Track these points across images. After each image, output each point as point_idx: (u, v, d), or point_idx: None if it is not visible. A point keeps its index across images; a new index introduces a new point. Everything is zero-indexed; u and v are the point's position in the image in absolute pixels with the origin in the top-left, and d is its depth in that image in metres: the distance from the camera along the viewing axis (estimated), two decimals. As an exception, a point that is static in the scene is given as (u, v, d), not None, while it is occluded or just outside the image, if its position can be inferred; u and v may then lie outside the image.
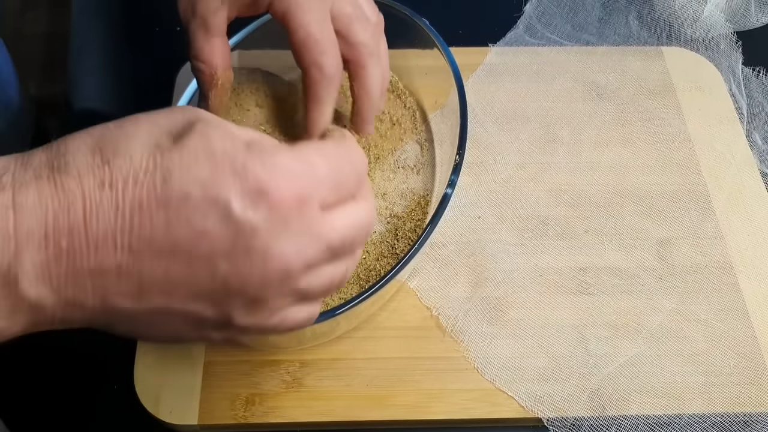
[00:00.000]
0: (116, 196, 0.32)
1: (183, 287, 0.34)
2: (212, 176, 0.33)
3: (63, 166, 0.33)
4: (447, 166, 0.60)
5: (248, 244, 0.33)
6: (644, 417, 0.55)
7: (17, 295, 0.32)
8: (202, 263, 0.33)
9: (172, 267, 0.33)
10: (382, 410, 0.55)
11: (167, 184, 0.33)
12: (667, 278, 0.62)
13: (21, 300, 0.32)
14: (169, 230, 0.33)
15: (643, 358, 0.58)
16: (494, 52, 0.76)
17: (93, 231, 0.32)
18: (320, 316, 0.50)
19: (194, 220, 0.33)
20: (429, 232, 0.53)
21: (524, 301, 0.60)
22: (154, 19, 0.81)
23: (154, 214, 0.32)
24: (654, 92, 0.73)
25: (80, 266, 0.32)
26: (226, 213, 0.33)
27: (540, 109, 0.72)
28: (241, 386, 0.56)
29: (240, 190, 0.33)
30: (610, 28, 0.80)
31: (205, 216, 0.33)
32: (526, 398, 0.56)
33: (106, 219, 0.32)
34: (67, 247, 0.32)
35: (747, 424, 0.56)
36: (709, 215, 0.65)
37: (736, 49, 0.77)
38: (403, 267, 0.52)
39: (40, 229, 0.32)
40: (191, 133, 0.34)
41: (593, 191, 0.67)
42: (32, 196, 0.32)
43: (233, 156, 0.33)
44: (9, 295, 0.32)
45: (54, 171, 0.33)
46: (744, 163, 0.69)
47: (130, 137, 0.34)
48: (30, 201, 0.32)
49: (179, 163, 0.33)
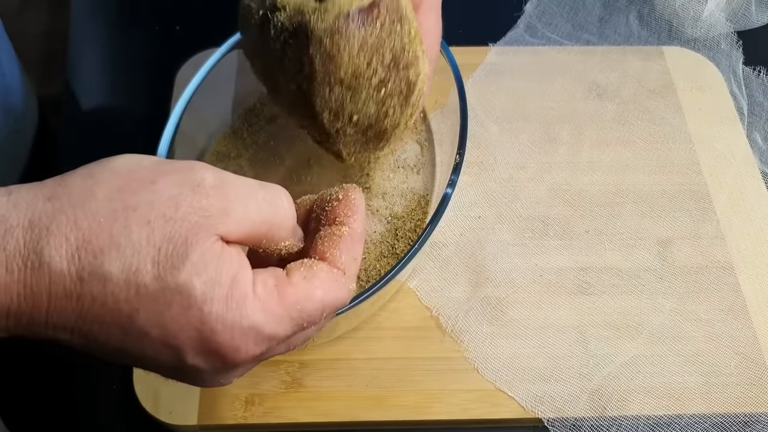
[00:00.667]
0: (81, 308, 0.34)
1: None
2: (177, 330, 0.35)
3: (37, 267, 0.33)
4: (447, 166, 0.60)
5: (197, 376, 0.37)
6: (644, 417, 0.55)
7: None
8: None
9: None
10: (382, 411, 0.55)
11: (132, 319, 0.34)
12: (668, 278, 0.62)
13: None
14: (123, 348, 0.35)
15: (643, 359, 0.57)
16: (494, 51, 0.76)
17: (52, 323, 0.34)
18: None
19: (147, 352, 0.35)
20: (429, 232, 0.53)
21: (524, 301, 0.60)
22: (154, 18, 0.81)
23: (113, 334, 0.35)
24: (654, 92, 0.73)
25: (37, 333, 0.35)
26: (178, 357, 0.36)
27: (540, 108, 0.72)
28: (240, 387, 0.56)
29: (197, 349, 0.35)
30: (611, 28, 0.79)
31: (158, 352, 0.35)
32: (526, 398, 0.56)
33: (66, 319, 0.34)
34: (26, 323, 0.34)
35: (747, 424, 0.56)
36: (710, 215, 0.65)
37: (736, 49, 0.77)
38: (403, 267, 0.52)
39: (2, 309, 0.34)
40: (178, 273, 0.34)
41: (594, 191, 0.66)
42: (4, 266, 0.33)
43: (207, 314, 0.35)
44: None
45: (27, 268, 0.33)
46: (745, 162, 0.69)
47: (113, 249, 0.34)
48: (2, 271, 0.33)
49: (151, 306, 0.34)
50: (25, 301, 0.34)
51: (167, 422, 0.54)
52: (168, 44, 0.78)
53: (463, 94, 0.59)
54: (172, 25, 0.79)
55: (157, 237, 0.34)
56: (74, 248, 0.34)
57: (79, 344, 0.35)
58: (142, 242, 0.34)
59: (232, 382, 0.40)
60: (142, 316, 0.34)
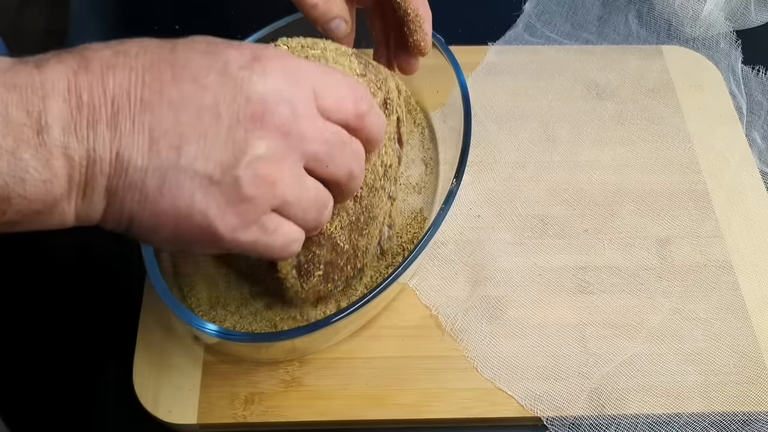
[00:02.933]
0: (129, 60, 0.36)
1: (190, 141, 0.36)
2: (212, 47, 0.38)
3: (80, 48, 0.37)
4: (449, 167, 0.60)
5: (248, 94, 0.37)
6: (643, 416, 0.55)
7: (50, 142, 0.34)
8: (208, 114, 0.37)
9: (180, 117, 0.36)
10: (382, 409, 0.55)
11: (174, 52, 0.37)
12: (667, 277, 0.62)
13: (53, 147, 0.34)
14: (176, 83, 0.36)
15: (642, 357, 0.57)
16: (493, 50, 0.76)
17: (109, 86, 0.35)
18: (317, 323, 0.50)
19: (198, 76, 0.37)
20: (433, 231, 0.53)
21: (523, 300, 0.60)
22: (153, 18, 0.81)
23: (164, 72, 0.36)
24: (653, 91, 0.73)
25: (99, 117, 0.35)
26: (224, 70, 0.37)
27: (539, 107, 0.72)
28: (240, 385, 0.56)
29: (237, 55, 0.38)
30: (610, 27, 0.79)
31: (208, 73, 0.37)
32: (525, 397, 0.56)
33: (120, 76, 0.36)
34: (88, 99, 0.35)
35: (746, 422, 0.56)
36: (709, 214, 0.65)
37: (735, 48, 0.77)
38: (405, 268, 0.52)
39: (63, 82, 0.35)
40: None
41: (593, 190, 0.67)
42: (54, 61, 0.35)
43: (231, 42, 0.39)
44: (43, 143, 0.34)
45: (73, 52, 0.36)
46: (743, 161, 0.69)
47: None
48: (52, 63, 0.35)
49: (184, 42, 0.38)
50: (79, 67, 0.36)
51: (167, 421, 0.54)
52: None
53: (468, 101, 0.59)
54: (171, 25, 0.79)
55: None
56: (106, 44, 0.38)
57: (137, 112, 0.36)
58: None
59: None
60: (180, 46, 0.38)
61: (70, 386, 0.58)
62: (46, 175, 0.34)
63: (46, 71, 0.35)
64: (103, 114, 0.35)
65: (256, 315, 0.56)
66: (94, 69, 0.35)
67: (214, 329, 0.50)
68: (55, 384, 0.58)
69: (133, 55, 0.36)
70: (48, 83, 0.34)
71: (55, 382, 0.58)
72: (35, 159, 0.34)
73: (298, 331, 0.51)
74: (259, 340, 0.54)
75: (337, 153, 0.40)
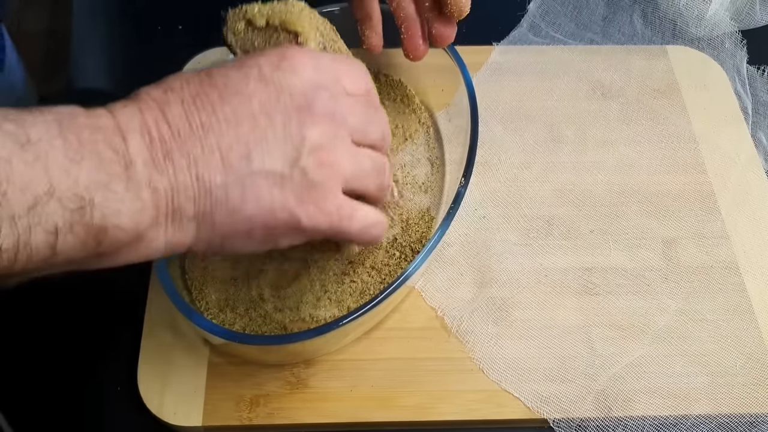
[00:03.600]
0: (177, 93, 0.40)
1: (255, 146, 0.40)
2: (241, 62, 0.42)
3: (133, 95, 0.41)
4: (456, 166, 0.59)
5: (290, 91, 0.41)
6: (650, 418, 0.55)
7: (136, 176, 0.37)
8: (261, 118, 0.40)
9: (240, 128, 0.40)
10: (387, 411, 0.55)
11: (211, 76, 0.41)
12: (673, 278, 0.61)
13: (140, 181, 0.38)
14: (224, 100, 0.40)
15: (649, 359, 0.57)
16: (498, 50, 0.76)
17: (170, 119, 0.39)
18: (327, 326, 0.50)
19: (240, 88, 0.41)
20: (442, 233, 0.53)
21: (529, 301, 0.60)
22: (156, 17, 0.81)
23: (210, 94, 0.40)
24: (659, 91, 0.73)
25: (171, 148, 0.39)
26: (260, 75, 0.41)
27: (544, 108, 0.72)
28: (245, 387, 0.55)
29: (266, 60, 0.42)
30: (615, 27, 0.79)
31: (247, 82, 0.41)
32: (531, 399, 0.55)
33: (176, 109, 0.39)
34: (157, 134, 0.38)
35: (753, 424, 0.55)
36: (715, 215, 0.65)
37: (741, 48, 0.77)
38: (415, 270, 0.52)
39: (134, 122, 0.38)
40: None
41: (598, 191, 0.66)
42: (120, 105, 0.39)
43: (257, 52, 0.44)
44: (131, 177, 0.37)
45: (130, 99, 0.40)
46: (749, 162, 0.68)
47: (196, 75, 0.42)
48: (120, 107, 0.39)
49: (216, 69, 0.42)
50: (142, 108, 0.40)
51: (172, 423, 0.54)
52: (170, 44, 0.78)
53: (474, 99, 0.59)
54: (175, 25, 0.79)
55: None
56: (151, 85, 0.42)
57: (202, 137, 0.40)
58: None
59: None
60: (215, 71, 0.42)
61: (74, 387, 0.58)
62: (137, 205, 0.37)
63: (118, 114, 0.38)
64: (173, 145, 0.39)
65: (266, 318, 0.56)
66: (152, 107, 0.39)
67: (225, 332, 0.50)
68: (59, 385, 0.57)
69: (179, 88, 0.40)
70: (123, 124, 0.38)
71: (59, 384, 0.58)
72: (127, 191, 0.37)
73: (307, 334, 0.51)
74: (269, 342, 0.53)
75: (372, 119, 0.45)
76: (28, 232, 0.34)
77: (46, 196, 0.35)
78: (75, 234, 0.36)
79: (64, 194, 0.35)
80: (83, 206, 0.36)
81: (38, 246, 0.35)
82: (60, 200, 0.35)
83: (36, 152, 0.35)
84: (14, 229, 0.34)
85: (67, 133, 0.36)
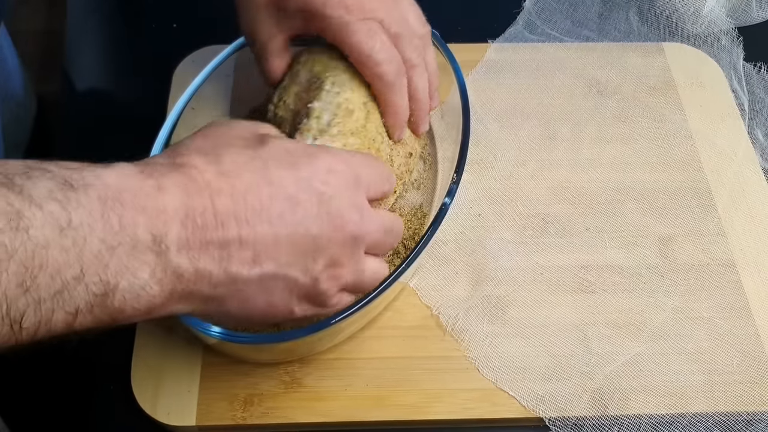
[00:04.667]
0: (231, 180, 0.40)
1: (286, 252, 0.42)
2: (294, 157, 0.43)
3: (185, 165, 0.40)
4: (449, 164, 0.59)
5: (328, 209, 0.43)
6: (646, 416, 0.55)
7: (165, 263, 0.38)
8: (300, 229, 0.42)
9: (278, 232, 0.41)
10: (382, 410, 0.55)
11: (267, 168, 0.42)
12: (669, 276, 0.61)
13: (167, 267, 0.38)
14: (273, 203, 0.41)
15: (645, 357, 0.57)
16: (494, 48, 0.76)
17: (219, 210, 0.39)
18: (319, 324, 0.49)
19: (289, 193, 0.42)
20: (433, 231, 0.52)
21: (525, 299, 0.60)
22: (150, 16, 0.80)
23: (261, 192, 0.41)
24: (655, 88, 0.73)
25: (210, 239, 0.39)
26: (308, 186, 0.42)
27: (540, 105, 0.71)
28: (239, 387, 0.55)
29: (314, 171, 0.43)
30: (611, 24, 0.79)
31: (296, 191, 0.42)
32: (527, 398, 0.55)
33: (226, 201, 0.40)
34: (201, 223, 0.39)
35: (750, 422, 0.55)
36: (711, 212, 0.65)
37: (737, 45, 0.77)
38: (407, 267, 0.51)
39: (182, 208, 0.39)
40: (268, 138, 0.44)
41: (594, 188, 0.66)
42: (172, 182, 0.39)
43: (304, 149, 0.45)
44: (159, 263, 0.38)
45: (179, 166, 0.40)
46: (746, 159, 0.68)
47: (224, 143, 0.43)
48: (171, 184, 0.39)
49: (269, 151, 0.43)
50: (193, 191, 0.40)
51: (166, 423, 0.54)
52: (165, 41, 0.78)
53: (465, 94, 0.58)
54: (169, 22, 0.79)
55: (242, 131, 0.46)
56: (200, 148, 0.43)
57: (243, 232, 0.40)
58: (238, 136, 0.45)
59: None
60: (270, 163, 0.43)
61: (68, 387, 0.57)
62: (156, 291, 0.38)
63: (166, 193, 0.38)
64: (214, 236, 0.39)
65: None
66: (204, 194, 0.39)
67: (217, 331, 0.50)
68: (53, 385, 0.57)
69: (233, 175, 0.41)
70: (170, 207, 0.38)
71: (53, 383, 0.57)
72: (152, 278, 0.38)
73: (300, 332, 0.51)
74: (261, 341, 0.53)
75: (387, 236, 0.48)
76: (50, 313, 0.35)
77: (74, 281, 0.35)
78: (93, 315, 0.37)
79: (92, 279, 0.36)
80: (107, 292, 0.36)
81: (57, 324, 0.36)
82: (87, 285, 0.35)
83: (74, 238, 0.35)
84: (38, 312, 0.34)
85: (110, 213, 0.36)
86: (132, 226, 0.37)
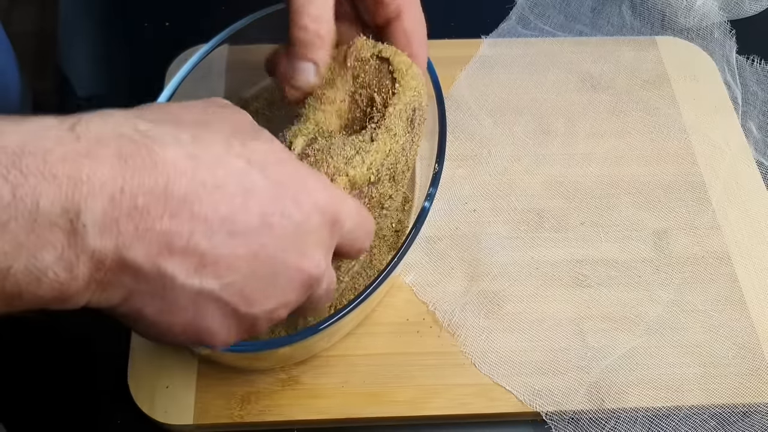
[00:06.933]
0: (205, 171, 0.33)
1: (237, 275, 0.35)
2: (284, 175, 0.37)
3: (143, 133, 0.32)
4: (428, 161, 0.59)
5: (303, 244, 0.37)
6: (643, 409, 0.55)
7: (81, 245, 0.31)
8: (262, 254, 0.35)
9: (237, 251, 0.34)
10: (379, 407, 0.55)
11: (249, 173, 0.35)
12: (664, 269, 0.61)
13: (82, 250, 0.31)
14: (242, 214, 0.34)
15: (641, 350, 0.57)
16: (487, 43, 0.76)
17: (174, 194, 0.32)
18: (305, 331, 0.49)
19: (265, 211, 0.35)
20: (396, 262, 0.51)
21: (521, 294, 0.60)
22: (143, 14, 0.80)
23: (236, 197, 0.34)
24: (648, 82, 0.73)
25: (151, 226, 0.32)
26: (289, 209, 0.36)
27: (534, 100, 0.71)
28: (236, 385, 0.55)
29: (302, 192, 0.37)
30: (603, 18, 0.79)
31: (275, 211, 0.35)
32: (524, 392, 0.55)
33: (190, 189, 0.32)
34: (143, 204, 0.31)
35: (746, 414, 0.55)
36: (705, 205, 0.65)
37: (730, 38, 0.77)
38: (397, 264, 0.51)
39: (115, 181, 0.31)
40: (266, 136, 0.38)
41: (588, 183, 0.66)
42: (110, 149, 0.31)
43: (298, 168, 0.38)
44: (72, 246, 0.31)
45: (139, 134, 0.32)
46: (739, 152, 0.68)
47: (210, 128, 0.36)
48: (107, 151, 0.31)
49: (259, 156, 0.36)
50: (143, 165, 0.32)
51: (163, 422, 0.54)
52: (158, 40, 0.78)
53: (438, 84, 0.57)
54: (162, 21, 0.79)
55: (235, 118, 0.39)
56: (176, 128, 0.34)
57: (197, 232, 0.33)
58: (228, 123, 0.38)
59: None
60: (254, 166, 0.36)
61: (64, 387, 0.57)
62: (65, 278, 0.31)
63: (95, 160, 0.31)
64: (157, 224, 0.32)
65: None
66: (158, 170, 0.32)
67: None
68: (49, 384, 0.57)
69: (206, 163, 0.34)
70: (95, 178, 0.30)
71: (49, 383, 0.57)
72: (58, 263, 0.31)
73: (291, 338, 0.50)
74: (250, 349, 0.51)
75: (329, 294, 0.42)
76: None
77: None
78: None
79: None
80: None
81: None
82: None
83: None
84: None
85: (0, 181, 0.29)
86: (31, 197, 0.29)
